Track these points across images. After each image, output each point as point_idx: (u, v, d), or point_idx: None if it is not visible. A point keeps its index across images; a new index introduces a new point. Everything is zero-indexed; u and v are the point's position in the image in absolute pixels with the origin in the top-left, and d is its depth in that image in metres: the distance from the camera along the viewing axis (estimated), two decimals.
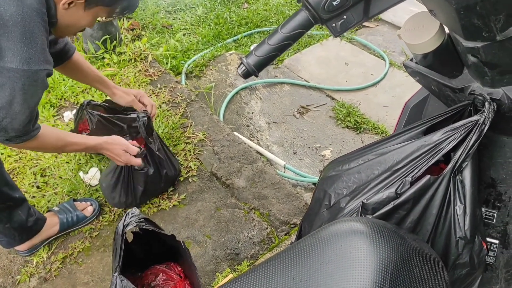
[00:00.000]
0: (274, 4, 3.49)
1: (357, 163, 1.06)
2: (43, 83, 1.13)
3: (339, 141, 2.40)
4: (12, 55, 1.01)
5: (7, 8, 0.98)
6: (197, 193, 1.94)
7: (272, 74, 2.86)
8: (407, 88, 2.67)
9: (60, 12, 1.14)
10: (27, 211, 1.61)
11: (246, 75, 0.87)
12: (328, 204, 1.09)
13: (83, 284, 1.65)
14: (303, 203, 1.88)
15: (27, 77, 1.06)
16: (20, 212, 1.57)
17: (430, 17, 0.86)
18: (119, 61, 2.66)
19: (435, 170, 1.01)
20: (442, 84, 0.95)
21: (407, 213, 0.91)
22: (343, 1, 0.76)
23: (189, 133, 2.20)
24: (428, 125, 0.96)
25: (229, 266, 1.67)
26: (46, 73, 1.11)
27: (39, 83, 1.11)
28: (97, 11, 1.20)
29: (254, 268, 0.73)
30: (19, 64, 1.03)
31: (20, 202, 1.57)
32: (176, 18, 3.39)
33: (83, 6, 1.16)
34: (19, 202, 1.56)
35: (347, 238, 0.71)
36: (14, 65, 1.02)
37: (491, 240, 1.01)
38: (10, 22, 0.99)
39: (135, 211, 1.21)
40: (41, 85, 1.13)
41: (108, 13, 1.23)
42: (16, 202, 1.55)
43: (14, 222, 1.56)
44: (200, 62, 2.89)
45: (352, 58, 2.98)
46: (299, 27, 0.82)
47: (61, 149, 1.41)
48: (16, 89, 1.06)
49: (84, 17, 1.20)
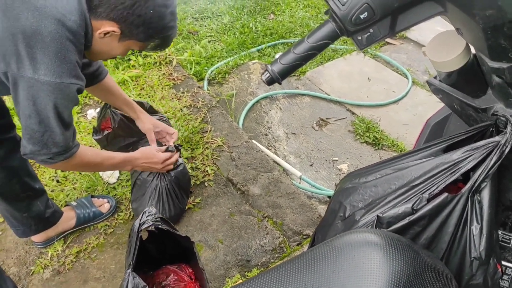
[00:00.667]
0: (300, 17, 3.52)
1: (375, 176, 1.07)
2: (74, 98, 1.17)
3: (356, 156, 2.39)
4: (46, 68, 1.06)
5: (47, 26, 1.03)
6: (212, 198, 1.95)
7: (294, 85, 2.88)
8: (429, 107, 2.65)
9: (96, 39, 1.19)
10: (45, 202, 1.65)
11: (270, 82, 0.88)
12: (342, 215, 1.09)
13: (95, 279, 1.68)
14: (317, 214, 1.88)
15: (59, 90, 1.10)
16: (39, 203, 1.61)
17: (456, 36, 0.87)
18: (144, 64, 2.71)
19: (453, 189, 1.00)
20: (465, 103, 0.95)
21: (422, 230, 0.91)
22: (370, 14, 0.77)
23: (208, 138, 2.22)
24: (448, 143, 0.96)
25: (239, 272, 1.67)
26: (77, 88, 1.15)
27: (70, 97, 1.14)
28: (130, 44, 1.24)
29: (266, 271, 0.74)
30: (52, 77, 1.07)
31: (39, 193, 1.61)
32: (202, 25, 3.45)
33: (118, 37, 1.20)
34: (39, 193, 1.60)
35: (361, 249, 0.71)
36: (47, 78, 1.06)
37: (506, 263, 0.99)
38: (48, 38, 1.04)
39: (152, 210, 1.23)
40: (73, 99, 1.16)
41: (141, 47, 1.27)
42: (36, 193, 1.59)
43: (32, 212, 1.60)
44: (223, 69, 2.93)
45: (375, 74, 2.98)
46: (325, 38, 0.84)
47: (98, 166, 1.43)
48: (50, 102, 1.10)
49: (117, 47, 1.24)
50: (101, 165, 1.44)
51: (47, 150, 1.19)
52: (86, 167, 1.42)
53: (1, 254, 1.78)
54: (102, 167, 1.48)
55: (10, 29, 1.01)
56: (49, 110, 1.12)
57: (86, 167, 1.45)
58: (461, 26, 0.79)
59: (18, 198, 1.54)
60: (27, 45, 1.03)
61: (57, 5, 1.05)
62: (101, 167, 1.48)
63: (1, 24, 1.01)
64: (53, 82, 1.08)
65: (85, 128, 2.30)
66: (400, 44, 3.30)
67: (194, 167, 2.07)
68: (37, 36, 1.03)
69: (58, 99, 1.11)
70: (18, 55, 1.03)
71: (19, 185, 1.51)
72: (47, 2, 1.04)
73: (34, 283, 1.68)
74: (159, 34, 1.23)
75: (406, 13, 0.79)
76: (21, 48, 1.03)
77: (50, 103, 1.10)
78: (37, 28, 1.03)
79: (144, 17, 1.15)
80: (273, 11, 3.64)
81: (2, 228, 1.88)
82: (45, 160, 1.22)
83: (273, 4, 3.73)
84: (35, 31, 1.03)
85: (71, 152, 1.26)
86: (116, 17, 1.14)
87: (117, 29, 1.17)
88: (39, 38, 1.03)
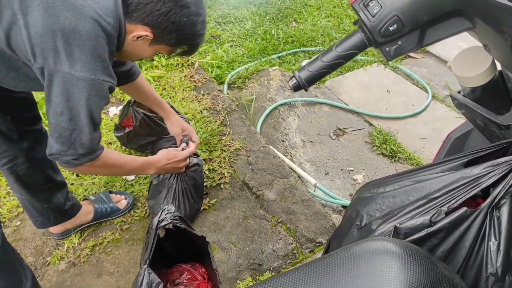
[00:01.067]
0: (321, 26, 3.54)
1: (393, 187, 1.07)
2: (106, 95, 1.20)
3: (372, 167, 2.39)
4: (82, 64, 1.09)
5: (85, 25, 1.07)
6: (227, 200, 1.97)
7: (313, 94, 2.90)
8: (448, 122, 2.64)
9: (128, 41, 1.23)
10: (65, 195, 1.69)
11: (297, 88, 0.90)
12: (359, 224, 1.10)
13: (109, 273, 1.71)
14: (330, 223, 1.88)
15: (93, 86, 1.13)
16: (59, 195, 1.65)
17: (483, 52, 0.87)
18: (167, 65, 2.75)
19: (472, 204, 1.00)
20: (488, 119, 0.96)
21: (439, 242, 0.91)
22: (399, 27, 0.78)
23: (226, 141, 2.25)
24: (469, 158, 0.96)
25: (250, 276, 1.69)
26: (109, 86, 1.18)
27: (103, 94, 1.17)
28: (159, 48, 1.28)
29: (285, 273, 0.76)
30: (88, 74, 1.10)
31: (61, 185, 1.65)
32: (225, 29, 3.49)
33: (149, 41, 1.24)
34: (60, 185, 1.64)
35: (379, 256, 0.72)
36: (83, 74, 1.10)
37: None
38: (85, 37, 1.08)
39: (171, 208, 1.25)
40: (105, 96, 1.19)
41: (169, 51, 1.31)
42: (57, 185, 1.63)
43: (53, 203, 1.64)
44: (243, 74, 2.96)
45: (395, 86, 2.98)
46: (353, 48, 0.85)
47: (121, 168, 1.45)
48: (83, 98, 1.13)
49: (147, 50, 1.28)
50: (123, 168, 1.46)
51: (74, 150, 1.21)
52: (109, 170, 1.43)
53: (19, 243, 1.82)
54: (124, 170, 1.49)
55: (50, 26, 1.05)
56: (81, 106, 1.14)
57: (109, 170, 1.45)
58: (489, 43, 0.80)
59: (40, 189, 1.58)
60: (65, 42, 1.06)
61: (95, 6, 1.09)
62: (123, 170, 1.49)
63: (42, 21, 1.05)
64: (88, 78, 1.11)
65: (106, 125, 2.34)
66: (422, 58, 3.29)
67: (211, 169, 2.09)
68: (75, 34, 1.07)
69: (92, 96, 1.14)
70: (56, 51, 1.07)
71: (42, 176, 1.55)
72: (86, 3, 1.08)
73: (50, 274, 1.72)
74: (189, 41, 1.27)
75: (435, 27, 0.80)
76: (60, 44, 1.06)
77: (83, 99, 1.13)
78: (75, 26, 1.06)
79: (178, 24, 1.19)
80: (295, 19, 3.67)
81: (21, 218, 1.92)
82: (70, 161, 1.24)
83: (296, 12, 3.76)
84: (73, 29, 1.06)
85: (95, 154, 1.28)
86: (150, 22, 1.18)
87: (150, 33, 1.20)
88: (77, 35, 1.07)
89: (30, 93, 1.48)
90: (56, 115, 1.15)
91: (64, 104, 1.13)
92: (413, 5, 0.78)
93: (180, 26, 1.20)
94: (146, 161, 1.56)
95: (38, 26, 1.05)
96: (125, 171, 1.54)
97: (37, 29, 1.05)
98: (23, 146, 1.47)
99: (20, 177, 1.51)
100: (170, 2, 1.15)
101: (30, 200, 1.61)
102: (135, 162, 1.52)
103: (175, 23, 1.18)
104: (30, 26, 1.05)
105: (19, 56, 1.13)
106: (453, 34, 0.84)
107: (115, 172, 1.54)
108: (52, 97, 1.13)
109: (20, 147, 1.46)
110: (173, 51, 1.31)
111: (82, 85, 1.11)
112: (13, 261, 1.35)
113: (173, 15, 1.17)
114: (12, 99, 1.38)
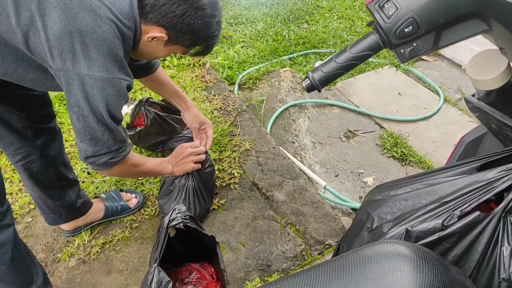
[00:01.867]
0: (333, 28, 3.53)
1: (405, 190, 1.07)
2: (125, 94, 1.21)
3: (382, 170, 2.38)
4: (99, 65, 1.11)
5: (101, 26, 1.08)
6: (237, 200, 1.97)
7: (323, 95, 2.89)
8: (460, 126, 2.62)
9: (143, 41, 1.24)
10: (77, 192, 1.70)
11: (310, 89, 0.90)
12: (370, 227, 1.09)
13: (118, 271, 1.72)
14: (340, 225, 1.88)
15: (112, 85, 1.15)
16: (71, 192, 1.67)
17: (498, 55, 0.87)
18: (178, 64, 2.77)
19: (485, 208, 0.99)
20: (503, 123, 0.95)
21: (451, 246, 0.90)
22: (415, 28, 0.78)
23: (236, 141, 2.25)
24: (483, 162, 0.95)
25: (259, 276, 1.68)
26: (127, 84, 1.20)
27: (121, 92, 1.19)
28: (174, 49, 1.30)
29: (295, 274, 0.76)
30: (105, 74, 1.12)
31: (73, 183, 1.67)
32: (236, 30, 3.50)
33: (164, 42, 1.25)
34: (72, 182, 1.66)
35: (391, 259, 0.72)
36: (101, 74, 1.11)
37: None
38: (102, 38, 1.09)
39: (182, 208, 1.26)
40: (123, 95, 1.21)
41: (184, 52, 1.32)
42: (70, 182, 1.65)
43: (65, 201, 1.66)
44: (254, 75, 2.96)
45: (406, 89, 2.96)
46: (367, 49, 0.85)
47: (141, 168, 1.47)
48: (103, 99, 1.15)
49: (161, 51, 1.30)
50: (146, 166, 1.49)
51: (108, 148, 1.24)
52: (136, 168, 1.45)
53: (30, 240, 1.84)
54: (142, 171, 1.50)
55: (68, 28, 1.06)
56: (102, 107, 1.16)
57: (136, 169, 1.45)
58: (506, 46, 0.80)
59: (52, 187, 1.60)
60: (82, 43, 1.08)
61: (111, 7, 1.10)
62: (146, 168, 1.50)
63: (60, 22, 1.06)
64: (106, 78, 1.12)
65: None
66: (434, 61, 3.27)
67: (221, 169, 2.10)
68: (92, 35, 1.08)
69: (111, 95, 1.16)
70: (74, 52, 1.08)
71: (54, 173, 1.57)
72: (102, 4, 1.09)
73: (60, 270, 1.73)
74: (204, 42, 1.28)
75: (451, 29, 0.80)
76: (77, 45, 1.08)
77: (103, 100, 1.15)
78: (92, 27, 1.08)
79: (193, 26, 1.20)
80: (306, 21, 3.66)
81: (33, 215, 1.94)
82: (107, 161, 1.27)
83: (307, 13, 3.75)
84: (90, 30, 1.08)
85: (127, 150, 1.32)
86: (165, 23, 1.19)
87: (165, 35, 1.21)
88: (94, 37, 1.08)
89: (46, 93, 1.49)
90: (83, 118, 1.17)
91: (88, 107, 1.15)
92: (429, 6, 0.77)
93: (195, 28, 1.21)
94: (161, 160, 1.63)
95: (56, 27, 1.06)
96: (147, 169, 1.53)
97: (55, 30, 1.06)
98: (37, 144, 1.48)
99: (33, 174, 1.53)
100: (185, 4, 1.16)
101: (42, 197, 1.62)
102: (154, 160, 1.57)
103: (189, 25, 1.19)
104: (48, 27, 1.06)
105: (37, 58, 1.14)
106: (469, 36, 0.83)
107: (141, 172, 1.52)
108: (74, 101, 1.15)
109: (34, 144, 1.48)
110: (188, 51, 1.32)
111: (101, 85, 1.13)
112: (25, 257, 1.37)
113: (188, 17, 1.18)
114: (28, 97, 1.40)
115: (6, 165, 2.15)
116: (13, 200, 1.99)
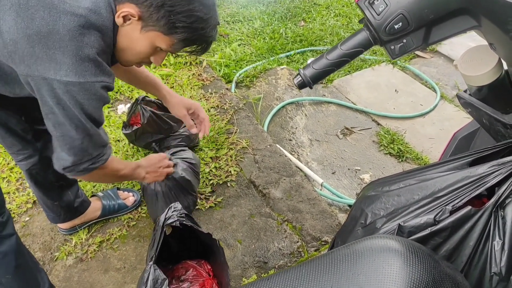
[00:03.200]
0: (330, 25, 3.53)
1: (398, 186, 1.07)
2: (102, 96, 1.08)
3: (379, 167, 2.38)
4: (67, 68, 0.98)
5: (65, 24, 0.96)
6: (234, 198, 1.98)
7: (320, 93, 2.89)
8: (456, 122, 2.62)
9: (120, 32, 1.09)
10: (75, 192, 1.71)
11: (301, 86, 0.91)
12: (363, 223, 1.10)
13: (116, 269, 1.72)
14: (336, 222, 1.88)
15: (85, 90, 1.02)
16: (69, 192, 1.67)
17: (489, 51, 0.87)
18: (175, 63, 2.77)
19: (477, 203, 1.00)
20: (494, 119, 0.95)
21: (443, 241, 0.91)
22: (404, 25, 0.79)
23: (233, 139, 2.26)
24: (474, 157, 0.96)
25: (256, 273, 1.69)
26: (102, 86, 1.06)
27: (98, 96, 1.06)
28: (154, 37, 1.09)
29: (287, 269, 0.76)
30: (75, 78, 0.99)
31: (71, 183, 1.67)
32: (233, 28, 3.50)
33: (139, 26, 1.07)
34: (71, 182, 1.67)
35: (382, 254, 0.72)
36: (70, 79, 0.99)
37: None
38: (66, 37, 0.97)
39: (178, 206, 1.26)
40: (101, 97, 1.08)
41: (167, 44, 1.11)
42: (68, 183, 1.65)
43: (63, 201, 1.66)
44: (251, 73, 2.96)
45: (403, 86, 2.97)
46: (358, 46, 0.86)
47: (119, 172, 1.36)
48: (77, 105, 1.04)
49: (139, 40, 1.10)
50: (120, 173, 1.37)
51: (89, 156, 1.15)
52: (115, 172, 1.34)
53: (28, 239, 1.85)
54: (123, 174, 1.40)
55: (25, 31, 0.95)
56: (78, 112, 1.05)
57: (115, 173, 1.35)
58: (495, 41, 0.80)
59: (51, 187, 1.60)
60: (44, 46, 0.96)
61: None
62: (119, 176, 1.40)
63: (16, 25, 0.95)
64: (76, 82, 1.00)
65: (115, 122, 2.36)
66: (431, 58, 3.27)
67: (217, 167, 2.11)
68: (55, 36, 0.96)
69: (85, 100, 1.04)
70: (36, 57, 0.97)
71: (53, 174, 1.56)
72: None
73: (57, 269, 1.74)
74: (184, 23, 1.05)
75: (441, 25, 0.80)
76: (38, 49, 0.96)
77: (77, 105, 1.04)
78: (53, 27, 0.96)
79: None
80: (304, 18, 3.67)
81: (30, 214, 1.95)
82: (87, 167, 1.17)
83: (304, 11, 3.75)
84: (51, 31, 0.96)
85: (108, 154, 1.22)
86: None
87: (135, 11, 1.03)
88: (57, 37, 0.96)
89: None
90: (60, 126, 1.08)
91: (63, 113, 1.04)
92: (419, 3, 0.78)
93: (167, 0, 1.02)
94: (137, 164, 1.51)
95: (11, 31, 0.96)
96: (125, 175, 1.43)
97: (11, 35, 0.96)
98: (37, 146, 1.47)
99: (33, 176, 1.54)
100: None
101: (41, 197, 1.63)
102: (131, 164, 1.46)
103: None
104: (4, 32, 0.96)
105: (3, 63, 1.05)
106: (459, 32, 0.83)
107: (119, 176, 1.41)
108: (48, 109, 1.05)
109: (34, 147, 1.47)
110: (171, 43, 1.11)
111: (72, 90, 1.01)
112: (30, 265, 1.36)
113: None
114: (24, 99, 1.37)
115: (3, 164, 2.15)
116: (10, 199, 1.99)
